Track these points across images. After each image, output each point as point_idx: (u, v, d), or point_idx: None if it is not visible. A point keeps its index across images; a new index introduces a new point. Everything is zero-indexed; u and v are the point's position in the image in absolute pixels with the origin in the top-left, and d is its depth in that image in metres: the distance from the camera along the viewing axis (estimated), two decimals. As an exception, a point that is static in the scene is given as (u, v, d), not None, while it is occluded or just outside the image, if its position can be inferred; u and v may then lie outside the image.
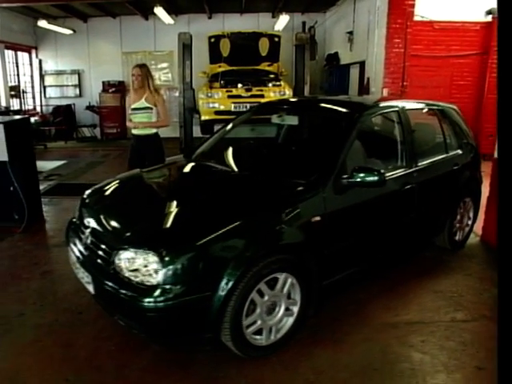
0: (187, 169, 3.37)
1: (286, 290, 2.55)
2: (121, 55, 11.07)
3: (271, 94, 7.41)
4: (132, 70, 4.45)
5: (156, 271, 2.16)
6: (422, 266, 3.85)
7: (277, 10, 10.34)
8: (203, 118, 7.49)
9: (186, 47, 8.52)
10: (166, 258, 2.14)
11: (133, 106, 4.42)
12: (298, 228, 2.55)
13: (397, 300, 3.28)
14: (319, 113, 3.57)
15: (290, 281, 2.55)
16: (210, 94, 7.35)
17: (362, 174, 2.74)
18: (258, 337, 2.49)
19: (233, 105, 7.28)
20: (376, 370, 2.49)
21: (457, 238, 4.22)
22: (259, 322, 2.47)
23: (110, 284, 2.28)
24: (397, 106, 3.51)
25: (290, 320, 2.63)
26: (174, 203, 2.69)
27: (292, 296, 2.61)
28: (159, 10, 8.82)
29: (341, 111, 3.31)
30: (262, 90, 7.46)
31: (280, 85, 7.75)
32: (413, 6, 7.30)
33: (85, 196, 3.12)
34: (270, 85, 7.69)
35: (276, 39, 7.88)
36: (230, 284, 2.23)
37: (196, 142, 9.75)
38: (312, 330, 2.80)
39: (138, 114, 4.40)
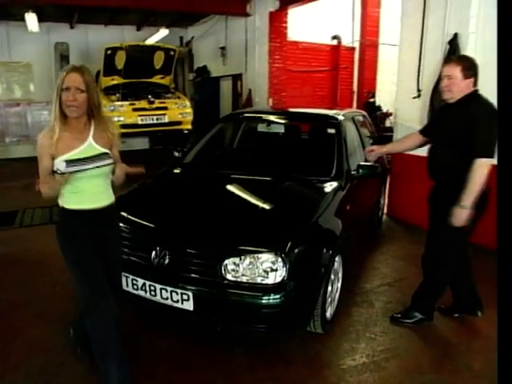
0: (215, 177, 3.37)
1: (338, 268, 2.95)
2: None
3: (174, 106, 7.42)
4: (63, 78, 1.99)
5: (276, 270, 2.28)
6: (369, 240, 4.65)
7: (146, 24, 10.23)
8: (106, 132, 7.00)
9: (63, 58, 7.85)
10: (284, 256, 2.29)
11: (73, 155, 2.04)
12: (340, 214, 2.97)
13: (376, 268, 3.98)
14: (306, 122, 4.02)
15: (339, 261, 2.96)
16: (113, 108, 6.91)
17: (366, 169, 3.31)
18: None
19: (139, 118, 7.04)
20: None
21: (379, 215, 5.19)
22: (329, 300, 2.80)
23: (224, 292, 2.30)
24: (352, 114, 4.21)
25: (337, 295, 3.04)
26: (243, 208, 2.80)
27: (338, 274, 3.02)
28: (31, 17, 7.80)
29: (328, 121, 3.81)
30: (164, 103, 7.40)
31: (179, 97, 7.81)
32: (286, 27, 8.26)
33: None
34: (170, 97, 7.68)
35: (172, 53, 7.87)
36: (325, 269, 2.54)
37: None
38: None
39: (93, 170, 2.08)
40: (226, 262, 2.32)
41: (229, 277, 2.32)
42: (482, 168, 2.44)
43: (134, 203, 3.03)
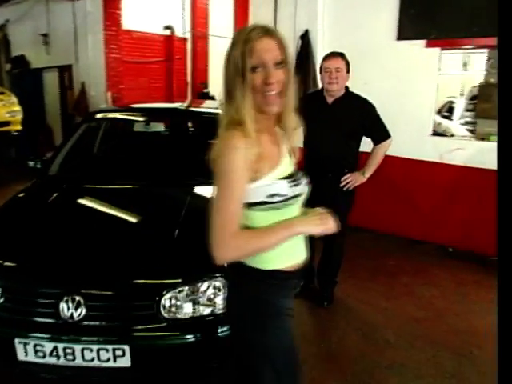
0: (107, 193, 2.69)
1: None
2: None
3: (-1, 103, 5.87)
4: (244, 49, 1.06)
5: (219, 297, 1.94)
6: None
7: None
8: None
9: None
10: (225, 276, 1.96)
11: (285, 171, 1.21)
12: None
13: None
14: (188, 120, 3.53)
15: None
16: None
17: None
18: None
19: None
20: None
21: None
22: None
23: (168, 335, 1.86)
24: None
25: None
26: (155, 231, 2.29)
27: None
28: None
29: (207, 117, 3.44)
30: (-18, 100, 5.78)
31: (3, 93, 6.19)
32: (121, 15, 7.38)
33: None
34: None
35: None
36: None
37: None
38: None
39: (304, 196, 1.27)
40: (163, 299, 1.87)
41: (170, 316, 1.88)
42: (386, 147, 2.80)
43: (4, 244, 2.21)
